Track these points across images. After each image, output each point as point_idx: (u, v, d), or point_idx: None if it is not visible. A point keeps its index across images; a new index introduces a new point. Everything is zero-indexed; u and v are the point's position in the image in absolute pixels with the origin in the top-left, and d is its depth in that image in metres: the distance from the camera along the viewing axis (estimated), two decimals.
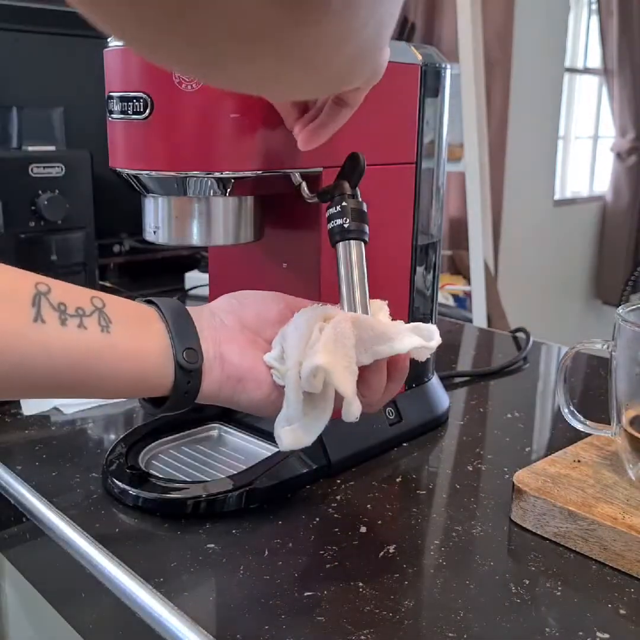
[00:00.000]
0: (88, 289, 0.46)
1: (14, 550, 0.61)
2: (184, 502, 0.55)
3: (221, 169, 0.51)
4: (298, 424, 0.47)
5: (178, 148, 0.51)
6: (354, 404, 0.45)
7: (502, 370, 0.89)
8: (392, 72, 0.59)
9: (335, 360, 0.45)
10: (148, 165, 0.52)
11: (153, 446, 0.64)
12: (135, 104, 0.50)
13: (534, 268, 3.54)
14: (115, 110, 0.52)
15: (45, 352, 0.42)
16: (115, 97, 0.52)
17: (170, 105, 0.50)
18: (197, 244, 0.56)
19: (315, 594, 0.46)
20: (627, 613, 0.45)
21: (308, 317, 0.48)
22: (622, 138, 3.82)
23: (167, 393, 0.47)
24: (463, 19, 2.09)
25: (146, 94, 0.50)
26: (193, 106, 0.50)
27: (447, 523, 0.54)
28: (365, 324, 0.47)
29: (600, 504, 0.51)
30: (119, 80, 0.51)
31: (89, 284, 0.97)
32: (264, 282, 0.64)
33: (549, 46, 3.38)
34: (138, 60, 0.50)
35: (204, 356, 0.47)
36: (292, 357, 0.47)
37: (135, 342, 0.45)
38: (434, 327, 0.50)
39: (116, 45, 0.51)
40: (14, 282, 0.43)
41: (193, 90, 0.49)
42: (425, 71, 0.64)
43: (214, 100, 0.50)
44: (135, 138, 0.52)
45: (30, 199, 0.90)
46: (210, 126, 0.50)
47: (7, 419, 0.70)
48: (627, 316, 0.53)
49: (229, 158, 0.51)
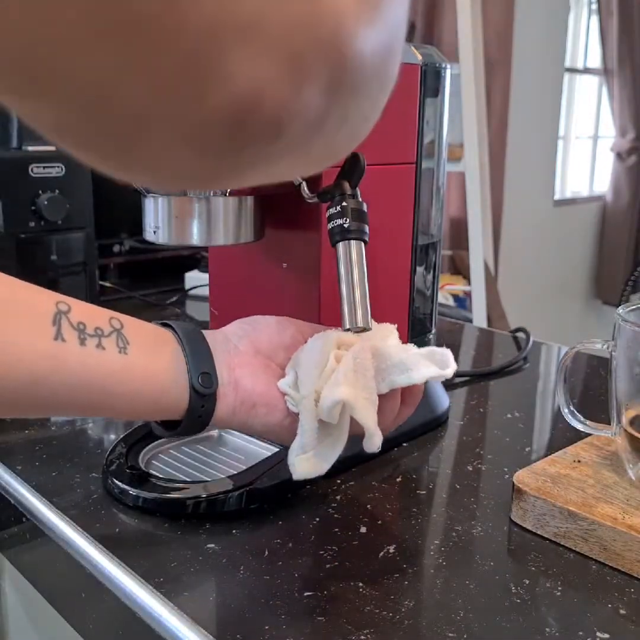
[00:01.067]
0: (106, 309, 0.46)
1: (14, 550, 0.61)
2: (184, 502, 0.55)
3: None
4: (313, 452, 0.47)
5: None
6: (376, 434, 0.45)
7: (502, 370, 0.89)
8: None
9: (357, 392, 0.45)
10: None
11: (153, 446, 0.64)
12: None
13: (534, 268, 3.54)
14: None
15: (64, 370, 0.42)
16: None
17: None
18: (197, 244, 0.56)
19: (315, 594, 0.46)
20: (627, 613, 0.45)
21: (322, 344, 0.48)
22: (622, 138, 3.82)
23: (181, 416, 0.47)
24: (463, 19, 2.09)
25: None
26: None
27: (447, 523, 0.54)
28: (383, 353, 0.47)
29: (600, 504, 0.51)
30: None
31: (89, 284, 0.98)
32: (264, 282, 0.64)
33: (549, 46, 3.38)
34: None
35: (218, 381, 0.47)
36: (307, 385, 0.47)
37: (152, 364, 0.46)
38: (449, 352, 0.50)
39: None
40: (34, 299, 0.43)
41: None
42: (425, 71, 0.64)
43: None
44: None
45: (30, 199, 0.90)
46: None
47: (7, 419, 0.70)
48: (627, 316, 0.53)
49: None
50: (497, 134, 3.08)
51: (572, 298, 4.00)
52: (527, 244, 3.47)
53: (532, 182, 3.47)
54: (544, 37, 3.32)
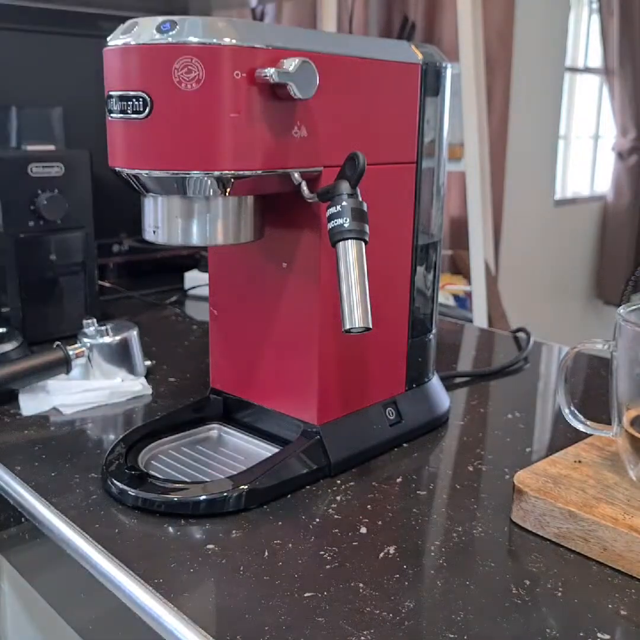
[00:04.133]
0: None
1: (14, 550, 0.61)
2: (184, 503, 0.54)
3: (221, 169, 0.51)
4: None
5: (177, 147, 0.51)
6: None
7: (502, 370, 0.88)
8: (393, 71, 0.61)
9: None
10: (147, 164, 0.52)
11: (152, 446, 0.64)
12: (134, 104, 0.50)
13: (534, 268, 3.53)
14: (114, 109, 0.52)
15: None
16: (114, 97, 0.52)
17: (170, 105, 0.50)
18: (197, 244, 0.56)
19: (315, 594, 0.46)
20: (627, 613, 0.44)
21: None
22: (623, 138, 3.81)
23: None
24: (463, 19, 2.09)
25: (145, 93, 0.50)
26: (193, 105, 0.50)
27: (447, 524, 0.54)
28: None
29: (601, 505, 0.51)
30: (118, 80, 0.51)
31: (88, 284, 0.97)
32: (263, 282, 0.64)
33: (549, 45, 3.38)
34: (137, 59, 0.50)
35: None
36: None
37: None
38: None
39: (115, 44, 0.51)
40: None
41: (193, 89, 0.49)
42: (425, 70, 0.64)
43: (213, 100, 0.50)
44: (134, 137, 0.52)
45: (30, 199, 0.90)
46: (209, 125, 0.50)
47: (7, 419, 0.70)
48: (628, 316, 0.52)
49: (228, 157, 0.51)
50: (497, 134, 3.08)
51: (573, 298, 3.99)
52: (528, 243, 3.46)
53: (533, 181, 3.47)
54: (544, 37, 3.31)
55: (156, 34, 0.49)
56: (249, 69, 0.50)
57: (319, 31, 0.59)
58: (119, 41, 0.51)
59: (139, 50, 0.50)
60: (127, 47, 0.50)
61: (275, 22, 2.67)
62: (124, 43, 0.50)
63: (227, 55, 0.49)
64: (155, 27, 0.49)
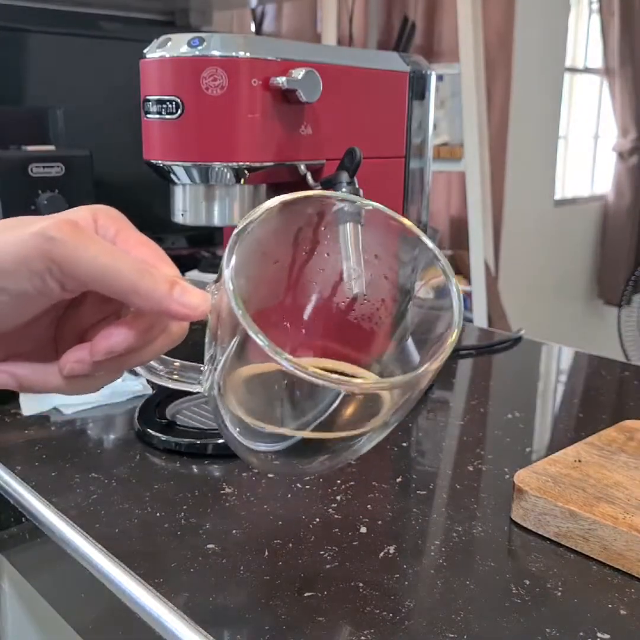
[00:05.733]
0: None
1: (14, 550, 0.61)
2: (205, 445, 0.63)
3: (239, 161, 0.61)
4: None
5: (204, 143, 0.60)
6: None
7: (499, 344, 0.97)
8: (385, 78, 0.72)
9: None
10: (178, 157, 0.61)
11: (177, 402, 0.72)
12: (168, 106, 0.60)
13: (534, 268, 3.53)
14: (151, 111, 0.61)
15: None
16: (151, 100, 0.61)
17: (198, 107, 0.59)
18: (218, 225, 0.65)
19: (315, 594, 0.46)
20: (627, 613, 0.44)
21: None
22: (624, 138, 3.81)
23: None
24: (463, 19, 2.09)
25: (178, 98, 0.59)
26: (217, 108, 0.59)
27: (447, 523, 0.54)
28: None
29: (601, 504, 0.51)
30: (155, 86, 0.61)
31: None
32: None
33: (549, 46, 3.38)
34: (171, 69, 0.60)
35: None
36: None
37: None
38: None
39: (152, 57, 0.60)
40: None
41: (217, 94, 0.59)
42: (413, 77, 0.73)
43: (234, 103, 0.59)
44: (168, 134, 0.61)
45: (30, 199, 0.90)
46: (231, 125, 0.60)
47: (7, 419, 0.70)
48: None
49: (246, 151, 0.61)
50: (497, 134, 3.08)
51: (573, 298, 3.99)
52: (528, 243, 3.46)
53: (533, 182, 3.47)
54: (544, 37, 3.31)
55: (187, 48, 0.59)
56: (264, 78, 0.60)
57: (322, 45, 0.66)
58: (156, 54, 0.60)
59: (173, 62, 0.59)
60: (162, 59, 0.60)
61: (276, 22, 2.67)
62: (160, 56, 0.60)
63: (246, 66, 0.59)
64: (186, 42, 0.59)
